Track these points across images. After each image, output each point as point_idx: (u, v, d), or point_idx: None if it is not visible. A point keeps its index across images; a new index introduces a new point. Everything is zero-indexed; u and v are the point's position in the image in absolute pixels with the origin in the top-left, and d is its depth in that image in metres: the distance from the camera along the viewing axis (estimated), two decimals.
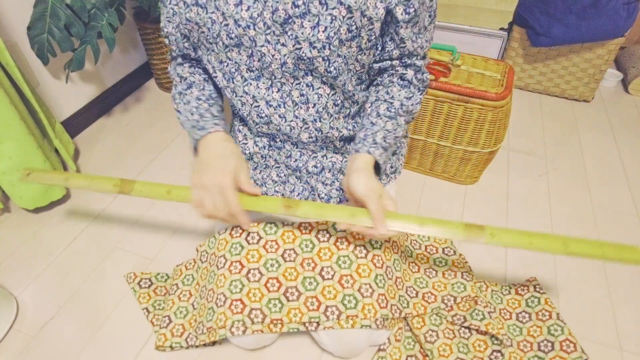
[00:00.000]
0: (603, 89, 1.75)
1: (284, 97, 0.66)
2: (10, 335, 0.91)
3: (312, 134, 0.71)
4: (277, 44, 0.59)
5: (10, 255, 1.08)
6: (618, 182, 1.29)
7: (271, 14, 0.57)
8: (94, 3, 1.15)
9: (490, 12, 1.76)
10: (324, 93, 0.66)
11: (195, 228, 1.15)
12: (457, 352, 0.83)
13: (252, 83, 0.66)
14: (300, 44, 0.58)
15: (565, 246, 0.62)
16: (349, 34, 0.58)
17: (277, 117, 0.69)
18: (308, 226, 0.76)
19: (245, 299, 0.71)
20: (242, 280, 0.72)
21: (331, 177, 0.78)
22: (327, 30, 0.57)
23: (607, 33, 1.41)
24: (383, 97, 0.68)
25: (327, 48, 0.58)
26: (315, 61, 0.60)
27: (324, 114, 0.68)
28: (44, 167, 1.11)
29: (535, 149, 1.42)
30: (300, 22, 0.57)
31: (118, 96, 1.65)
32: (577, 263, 1.05)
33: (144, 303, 0.95)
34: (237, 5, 0.57)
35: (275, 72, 0.63)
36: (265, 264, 0.73)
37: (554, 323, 0.88)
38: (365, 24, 0.59)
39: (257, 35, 0.59)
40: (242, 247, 0.74)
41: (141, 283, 0.98)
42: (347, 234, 0.75)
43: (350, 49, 0.60)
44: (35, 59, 1.28)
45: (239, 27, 0.59)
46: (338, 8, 0.55)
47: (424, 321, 0.86)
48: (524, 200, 1.24)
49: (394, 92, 0.68)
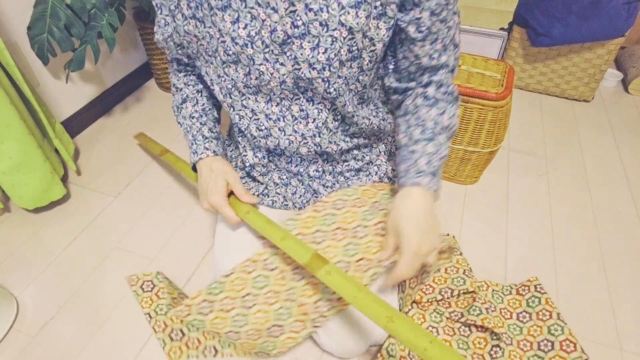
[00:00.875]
0: (603, 88, 1.75)
1: (283, 111, 0.65)
2: (10, 335, 0.91)
3: (310, 148, 0.69)
4: (276, 63, 0.58)
5: (11, 255, 1.08)
6: (618, 182, 1.29)
7: (269, 33, 0.55)
8: (94, 3, 1.15)
9: (490, 12, 1.76)
10: (324, 108, 0.64)
11: (195, 228, 1.15)
12: (457, 348, 0.83)
13: (250, 97, 0.64)
14: (300, 64, 0.57)
15: (388, 320, 0.52)
16: (350, 55, 0.56)
17: (276, 130, 0.67)
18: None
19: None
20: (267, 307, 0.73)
21: (332, 179, 0.78)
22: (327, 52, 0.55)
23: (608, 33, 1.41)
24: (414, 123, 0.65)
25: (327, 69, 0.57)
26: (314, 82, 0.58)
27: (324, 130, 0.67)
28: (44, 168, 1.11)
29: (536, 149, 1.42)
30: (299, 42, 0.55)
31: (118, 96, 1.65)
32: (578, 263, 1.05)
33: (146, 308, 0.92)
34: (233, 23, 0.55)
35: (274, 90, 0.62)
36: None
37: (554, 323, 0.88)
38: (366, 45, 0.57)
39: (255, 53, 0.57)
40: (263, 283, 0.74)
41: (144, 286, 0.96)
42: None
43: (351, 70, 0.59)
44: (35, 58, 1.28)
45: (236, 44, 0.57)
46: (339, 29, 0.53)
47: (425, 318, 0.86)
48: (524, 200, 1.24)
49: (423, 115, 0.64)
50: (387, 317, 0.53)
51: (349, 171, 0.78)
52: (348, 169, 0.78)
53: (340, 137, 0.70)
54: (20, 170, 1.07)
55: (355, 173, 0.79)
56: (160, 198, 1.24)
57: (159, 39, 0.69)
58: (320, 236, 0.72)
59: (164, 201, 1.23)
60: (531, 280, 0.97)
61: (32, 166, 1.09)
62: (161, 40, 0.68)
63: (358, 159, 0.77)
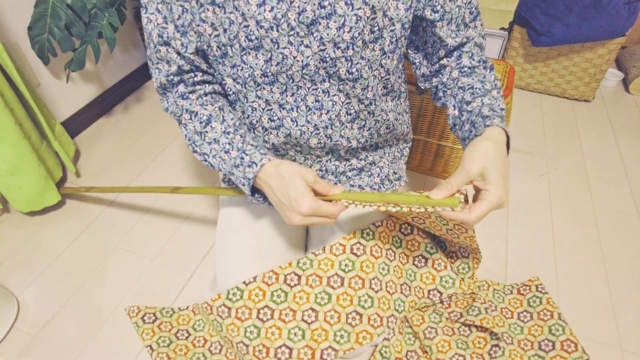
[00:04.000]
0: (604, 88, 1.75)
1: (297, 101, 0.65)
2: (11, 335, 0.91)
3: (321, 140, 0.69)
4: (301, 46, 0.57)
5: (11, 255, 1.08)
6: (619, 182, 1.29)
7: (297, 14, 0.55)
8: (95, 3, 1.15)
9: (490, 12, 1.76)
10: (338, 100, 0.65)
11: (195, 228, 1.15)
12: (456, 348, 0.83)
13: (265, 88, 0.63)
14: (325, 44, 0.57)
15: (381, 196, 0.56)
16: (372, 35, 0.58)
17: (288, 121, 0.67)
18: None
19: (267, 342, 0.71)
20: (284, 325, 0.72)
21: (334, 179, 0.78)
22: (352, 31, 0.56)
23: (608, 33, 1.41)
24: (460, 91, 0.65)
25: (351, 48, 0.57)
26: (338, 62, 0.59)
27: (336, 122, 0.67)
28: (38, 172, 1.11)
29: (536, 149, 1.42)
30: (326, 22, 0.55)
31: (118, 96, 1.65)
32: (578, 263, 1.05)
33: (147, 340, 0.88)
34: (259, 6, 0.54)
35: (294, 75, 0.61)
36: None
37: (555, 323, 0.88)
38: (387, 25, 0.58)
39: (280, 37, 0.57)
40: (284, 294, 0.74)
41: (145, 318, 0.92)
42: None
43: (373, 52, 0.60)
44: (35, 59, 1.28)
45: (261, 28, 0.56)
46: (363, 8, 0.55)
47: (424, 319, 0.86)
48: (525, 200, 1.24)
49: (465, 82, 0.64)
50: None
51: (352, 170, 0.78)
52: (351, 168, 0.77)
53: (355, 133, 0.70)
54: (14, 174, 1.07)
55: (357, 173, 0.79)
56: (161, 198, 1.24)
57: (158, 52, 0.61)
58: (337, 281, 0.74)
59: (164, 201, 1.23)
60: (532, 280, 0.97)
61: (26, 170, 1.08)
62: (162, 44, 0.60)
63: (361, 159, 0.77)
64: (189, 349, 0.87)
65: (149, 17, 0.59)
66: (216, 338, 0.88)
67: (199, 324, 0.91)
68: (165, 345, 0.88)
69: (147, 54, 0.64)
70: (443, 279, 0.86)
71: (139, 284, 1.01)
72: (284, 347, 0.71)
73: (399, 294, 0.81)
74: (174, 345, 0.88)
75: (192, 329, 0.90)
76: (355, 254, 0.75)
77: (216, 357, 0.85)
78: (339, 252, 0.75)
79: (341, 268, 0.74)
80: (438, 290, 0.87)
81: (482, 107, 0.61)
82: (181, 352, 0.86)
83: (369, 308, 0.73)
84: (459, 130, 0.65)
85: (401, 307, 0.81)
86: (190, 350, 0.87)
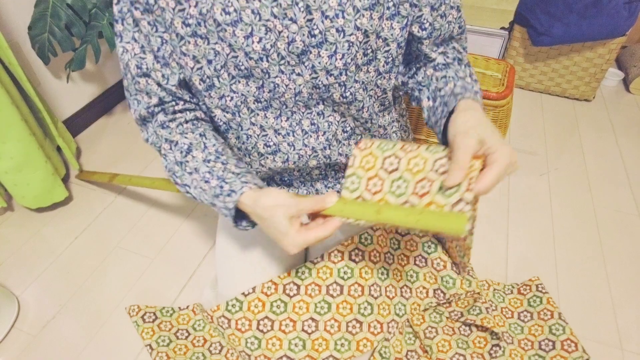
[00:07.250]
0: (604, 88, 1.75)
1: (292, 126, 0.63)
2: (11, 334, 0.91)
3: (320, 161, 0.69)
4: (292, 74, 0.56)
5: (12, 254, 1.08)
6: (619, 182, 1.29)
7: (287, 44, 0.53)
8: (95, 2, 1.15)
9: (491, 11, 1.76)
10: (334, 121, 0.64)
11: (195, 228, 1.15)
12: (456, 347, 0.83)
13: (259, 114, 0.62)
14: (317, 72, 0.56)
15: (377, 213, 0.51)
16: (365, 58, 0.56)
17: (285, 145, 0.66)
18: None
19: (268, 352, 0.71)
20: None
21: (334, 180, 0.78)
22: (344, 57, 0.55)
23: (609, 32, 1.41)
24: (434, 82, 0.61)
25: (344, 74, 0.56)
26: (331, 87, 0.58)
27: (333, 142, 0.66)
28: (45, 169, 1.11)
29: (536, 149, 1.42)
30: (317, 51, 0.54)
31: (119, 95, 1.65)
32: (579, 263, 1.05)
33: (147, 339, 0.88)
34: (247, 37, 0.53)
35: (287, 102, 0.60)
36: None
37: (555, 322, 0.88)
38: (380, 46, 0.57)
39: (270, 66, 0.55)
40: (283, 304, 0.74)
41: (145, 317, 0.92)
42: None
43: (368, 74, 0.59)
44: (36, 58, 1.28)
45: (251, 59, 0.54)
46: (355, 34, 0.53)
47: (424, 318, 0.86)
48: (525, 200, 1.24)
49: (439, 75, 0.61)
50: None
51: None
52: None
53: (352, 148, 0.69)
54: (22, 170, 1.07)
55: None
56: (161, 198, 1.24)
57: (137, 84, 0.57)
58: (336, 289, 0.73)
59: (165, 201, 1.23)
60: (533, 279, 0.97)
61: (34, 166, 1.09)
62: (141, 75, 0.56)
63: None
64: (189, 349, 0.87)
65: (125, 46, 0.56)
66: (217, 338, 0.88)
67: (198, 324, 0.91)
68: (165, 344, 0.88)
69: (124, 85, 0.60)
70: (444, 279, 0.86)
71: (139, 283, 1.01)
72: (285, 357, 0.71)
73: (399, 297, 0.80)
74: (174, 345, 0.88)
75: (192, 329, 0.90)
76: (353, 261, 0.75)
77: (216, 357, 0.86)
78: (338, 260, 0.74)
79: (340, 276, 0.74)
80: (441, 290, 0.87)
81: (455, 87, 0.58)
82: (180, 352, 0.86)
83: (369, 315, 0.73)
84: (432, 117, 0.60)
85: (402, 310, 0.80)
86: (190, 349, 0.87)
